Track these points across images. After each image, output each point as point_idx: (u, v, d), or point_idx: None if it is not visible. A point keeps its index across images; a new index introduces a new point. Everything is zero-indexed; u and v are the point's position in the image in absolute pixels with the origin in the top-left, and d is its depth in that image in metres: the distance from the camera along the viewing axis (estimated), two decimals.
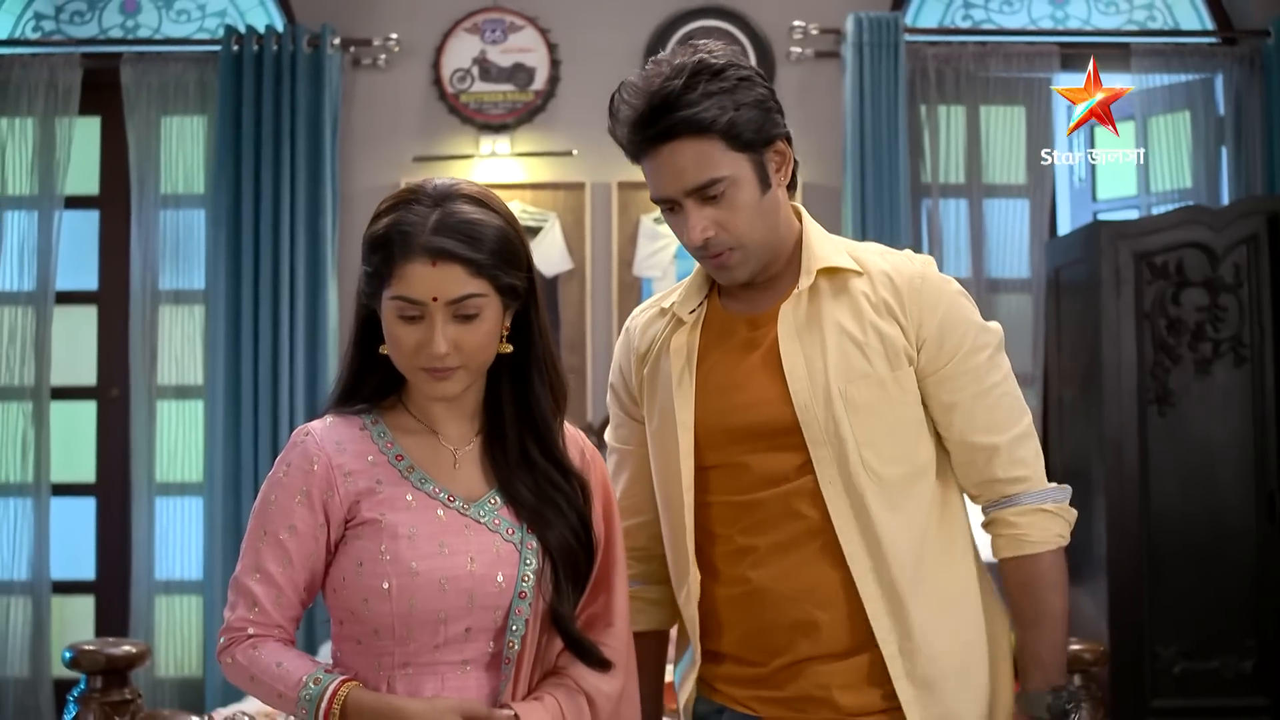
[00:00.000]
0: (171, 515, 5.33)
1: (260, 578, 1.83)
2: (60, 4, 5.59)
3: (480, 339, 1.82)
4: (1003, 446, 2.06)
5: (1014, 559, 2.08)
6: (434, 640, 1.82)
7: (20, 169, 5.36)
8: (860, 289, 2.07)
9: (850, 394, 2.02)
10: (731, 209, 2.00)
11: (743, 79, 2.01)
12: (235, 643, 1.84)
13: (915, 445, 2.07)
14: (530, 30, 5.42)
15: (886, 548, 2.01)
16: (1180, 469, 4.66)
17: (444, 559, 1.82)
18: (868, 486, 2.01)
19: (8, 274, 5.34)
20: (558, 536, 1.88)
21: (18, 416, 5.29)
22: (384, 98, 5.44)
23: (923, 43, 5.43)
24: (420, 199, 1.83)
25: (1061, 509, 2.09)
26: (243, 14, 5.56)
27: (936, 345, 2.05)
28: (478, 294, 1.80)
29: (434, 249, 1.78)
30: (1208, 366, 4.68)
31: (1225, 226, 4.70)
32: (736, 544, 2.08)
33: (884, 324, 2.05)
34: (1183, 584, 4.59)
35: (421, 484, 1.87)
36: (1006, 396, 2.08)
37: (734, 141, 1.98)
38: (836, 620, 2.03)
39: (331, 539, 1.85)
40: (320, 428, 1.90)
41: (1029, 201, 5.43)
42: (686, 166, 1.98)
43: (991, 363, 2.08)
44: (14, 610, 5.24)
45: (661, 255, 5.37)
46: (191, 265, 5.39)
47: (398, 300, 1.80)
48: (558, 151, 5.40)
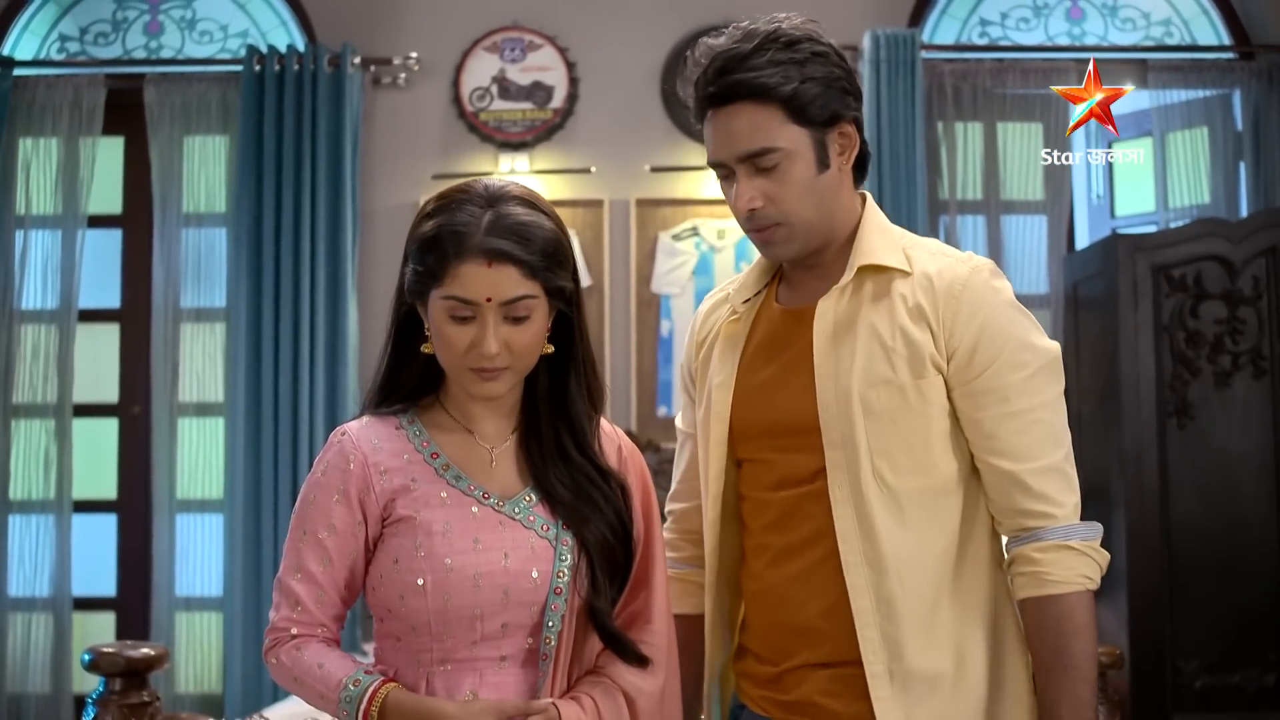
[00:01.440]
0: (192, 532, 5.36)
1: (302, 577, 1.85)
2: (85, 26, 5.65)
3: (529, 340, 1.83)
4: (1025, 476, 1.92)
5: (1034, 599, 1.92)
6: (471, 636, 1.83)
7: (45, 188, 5.41)
8: (900, 291, 1.98)
9: (869, 399, 1.94)
10: (783, 183, 1.95)
11: (818, 53, 1.95)
12: (279, 643, 1.85)
13: (936, 459, 1.96)
14: (549, 49, 5.46)
15: (889, 562, 1.92)
16: (1200, 482, 4.64)
17: (478, 555, 1.83)
18: (876, 496, 1.93)
19: (32, 292, 5.39)
20: (595, 532, 1.88)
21: (40, 434, 5.33)
22: (404, 116, 5.48)
23: (940, 59, 5.45)
24: (473, 199, 1.84)
25: (1090, 548, 1.93)
26: (264, 34, 5.62)
27: (968, 356, 1.94)
28: (530, 295, 1.81)
29: (490, 250, 1.79)
30: (1227, 379, 4.66)
31: (1244, 239, 4.69)
32: (758, 540, 2.07)
33: (914, 328, 1.95)
34: (1203, 597, 4.56)
35: (456, 481, 1.87)
36: (1040, 424, 1.94)
37: (795, 114, 1.93)
38: (837, 630, 1.96)
39: (370, 536, 1.86)
40: (356, 427, 1.92)
41: (1046, 217, 5.43)
42: (741, 131, 1.94)
43: (1029, 384, 1.94)
44: (36, 626, 5.27)
45: (680, 272, 5.39)
46: (213, 283, 5.43)
47: (450, 300, 1.81)
48: (576, 169, 5.43)
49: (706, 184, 5.40)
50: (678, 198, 5.43)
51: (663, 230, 5.41)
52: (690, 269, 5.39)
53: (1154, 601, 4.56)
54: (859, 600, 1.93)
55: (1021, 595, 1.94)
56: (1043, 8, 5.70)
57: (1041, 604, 1.91)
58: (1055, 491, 1.92)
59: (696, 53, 1.99)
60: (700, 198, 5.42)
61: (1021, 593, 1.94)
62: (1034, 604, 1.92)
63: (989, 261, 2.02)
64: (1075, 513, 1.94)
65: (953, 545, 1.96)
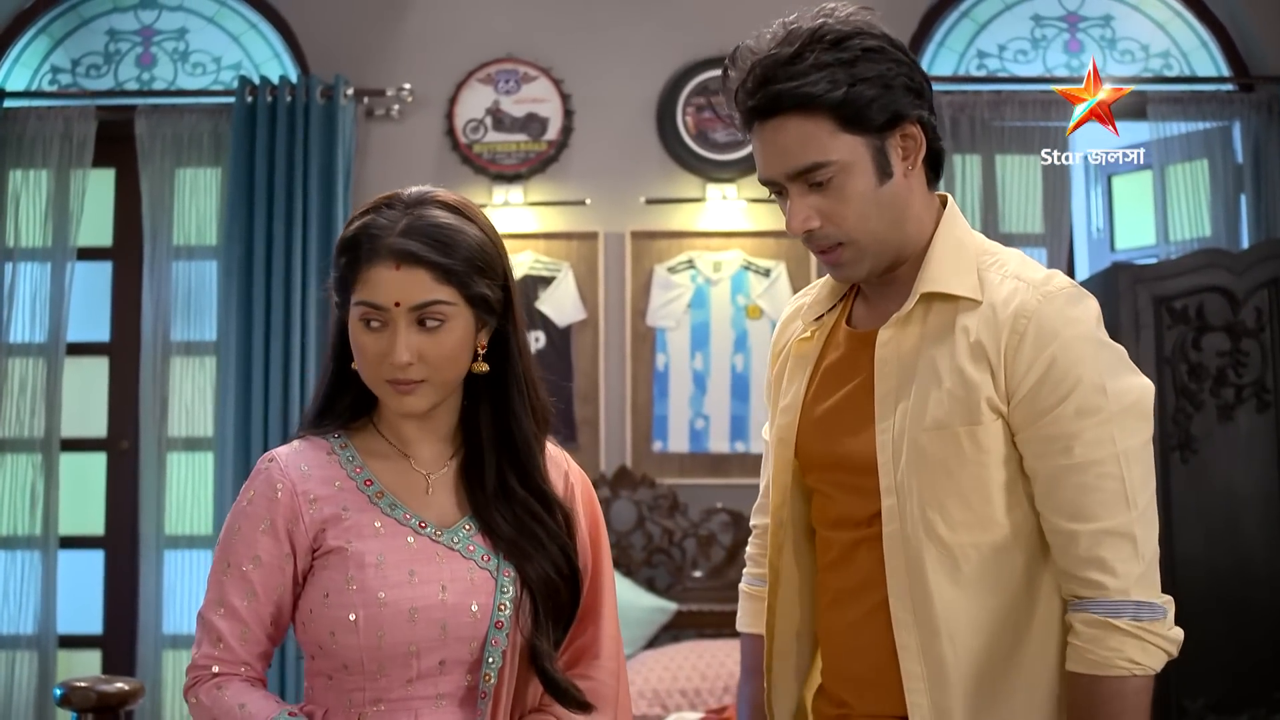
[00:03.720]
0: (180, 568, 5.28)
1: (225, 612, 1.75)
2: (77, 57, 5.62)
3: (446, 350, 1.74)
4: (1082, 537, 1.71)
5: (1073, 675, 1.73)
6: (406, 674, 1.74)
7: (34, 221, 5.36)
8: (964, 323, 1.77)
9: (922, 445, 1.75)
10: (840, 199, 1.76)
11: (870, 49, 1.74)
12: (200, 681, 1.76)
13: (995, 513, 1.75)
14: (543, 80, 5.42)
15: (941, 624, 1.74)
16: (1204, 517, 4.56)
17: (413, 588, 1.74)
18: (928, 551, 1.75)
19: (20, 325, 5.33)
20: (538, 569, 1.79)
21: (27, 468, 5.26)
22: (397, 148, 5.44)
23: (937, 91, 5.37)
24: (393, 204, 1.78)
25: (1145, 629, 1.69)
26: (258, 66, 5.58)
27: (1030, 398, 1.72)
28: (443, 301, 1.73)
29: (398, 251, 1.72)
30: (1230, 412, 4.59)
31: (1246, 270, 4.63)
32: (822, 578, 1.94)
33: (971, 368, 1.74)
34: (1209, 635, 4.46)
35: (391, 509, 1.79)
36: (1107, 479, 1.71)
37: (847, 122, 1.73)
38: (889, 686, 1.80)
39: (299, 569, 1.77)
40: (286, 453, 1.82)
41: (1046, 251, 5.38)
42: (789, 146, 1.75)
43: (1100, 433, 1.71)
44: (20, 665, 5.18)
45: (675, 305, 5.33)
46: (203, 316, 5.38)
47: (361, 305, 1.74)
48: (571, 201, 5.39)
49: (702, 216, 5.36)
50: (673, 230, 5.38)
51: (658, 263, 5.36)
52: (686, 302, 5.33)
53: None
54: (908, 663, 1.77)
55: (1067, 666, 1.75)
56: (1041, 40, 5.67)
57: (1079, 682, 1.72)
58: (1113, 558, 1.70)
59: (736, 58, 1.80)
60: (696, 230, 5.38)
61: (1067, 664, 1.75)
62: (1073, 680, 1.73)
63: (1070, 284, 1.79)
64: (1138, 584, 1.70)
65: (1015, 609, 1.77)
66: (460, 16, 5.45)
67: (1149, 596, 1.71)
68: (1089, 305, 1.78)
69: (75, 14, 5.63)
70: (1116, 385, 1.73)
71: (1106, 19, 5.67)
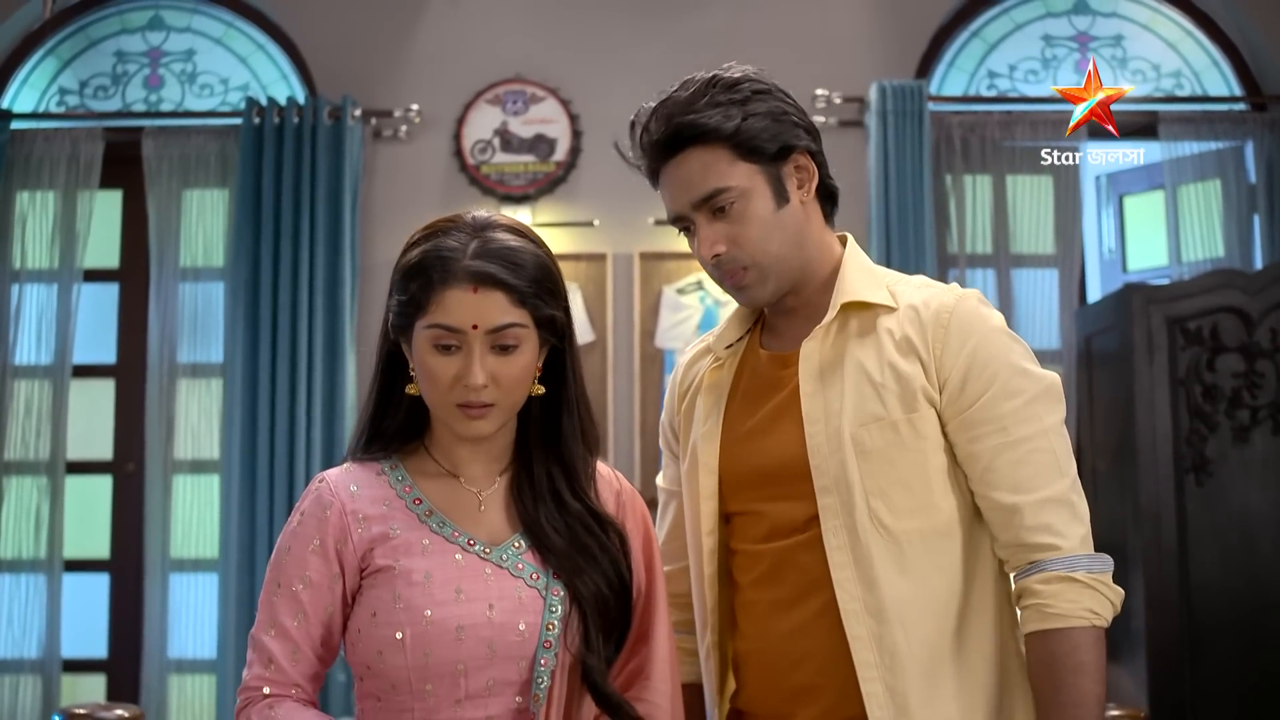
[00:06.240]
0: (186, 592, 5.23)
1: (276, 633, 1.75)
2: (85, 79, 5.61)
3: (518, 373, 1.75)
4: (1026, 509, 1.83)
5: (1036, 634, 1.83)
6: (455, 694, 1.72)
7: (41, 242, 5.33)
8: (886, 326, 1.92)
9: (861, 439, 1.87)
10: (743, 223, 1.91)
11: (759, 90, 1.94)
12: (251, 703, 1.75)
13: (935, 498, 1.87)
14: (552, 101, 5.41)
15: (891, 612, 1.83)
16: (1220, 539, 4.51)
17: (460, 605, 1.72)
18: (875, 541, 1.85)
19: (26, 347, 5.29)
20: (589, 584, 1.78)
21: (32, 491, 5.21)
22: (405, 169, 5.41)
23: (947, 111, 5.38)
24: (460, 227, 1.78)
25: (1097, 581, 1.82)
26: (265, 87, 5.57)
27: (960, 385, 1.87)
28: (518, 324, 1.74)
29: (476, 274, 1.72)
30: (1246, 434, 4.55)
31: (1260, 290, 4.60)
32: (747, 596, 1.98)
33: (903, 362, 1.89)
34: (1225, 658, 4.42)
35: (440, 527, 1.78)
36: (1040, 453, 1.85)
37: (742, 150, 1.90)
38: (838, 687, 1.87)
39: (348, 589, 1.76)
40: (336, 474, 1.83)
41: (1057, 271, 5.34)
42: (691, 177, 1.91)
43: (1026, 412, 1.86)
44: (23, 689, 5.13)
45: (684, 326, 5.30)
46: (210, 338, 5.34)
47: (435, 329, 1.73)
48: (579, 222, 5.36)
49: None
50: (682, 251, 5.33)
51: (667, 284, 5.33)
52: (695, 323, 5.30)
53: (1174, 662, 4.42)
54: (861, 652, 1.84)
55: (1025, 630, 1.86)
56: (1051, 60, 5.64)
57: (1043, 638, 1.82)
58: (1059, 522, 1.84)
59: (639, 114, 1.97)
60: None
61: (1025, 627, 1.86)
62: (1036, 638, 1.83)
63: (975, 290, 1.96)
64: (1083, 544, 1.84)
65: (956, 590, 1.87)
66: (468, 37, 5.44)
67: (1098, 554, 1.85)
68: (994, 308, 1.97)
69: (83, 35, 5.62)
70: (1032, 371, 1.90)
71: (1118, 39, 5.65)
